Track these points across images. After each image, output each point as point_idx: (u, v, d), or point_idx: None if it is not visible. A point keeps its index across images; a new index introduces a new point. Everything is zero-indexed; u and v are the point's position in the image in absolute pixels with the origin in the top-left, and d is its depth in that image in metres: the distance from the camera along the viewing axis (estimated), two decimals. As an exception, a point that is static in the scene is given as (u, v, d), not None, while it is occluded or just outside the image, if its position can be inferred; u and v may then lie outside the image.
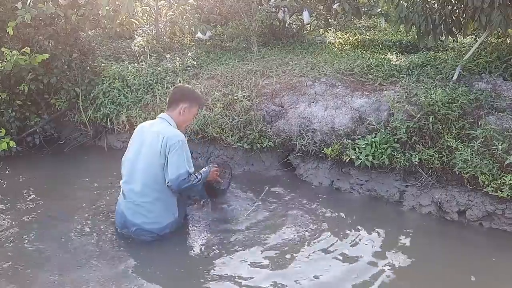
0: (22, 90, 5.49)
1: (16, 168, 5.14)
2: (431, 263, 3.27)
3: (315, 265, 3.24)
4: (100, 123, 5.65)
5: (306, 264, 3.25)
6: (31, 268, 3.25)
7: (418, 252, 3.42)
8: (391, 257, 3.34)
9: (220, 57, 6.02)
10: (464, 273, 3.19)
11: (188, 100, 3.65)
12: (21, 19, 5.06)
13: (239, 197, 4.30)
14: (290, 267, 3.22)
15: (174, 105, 3.63)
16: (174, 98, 3.65)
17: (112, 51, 6.50)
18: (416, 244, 3.54)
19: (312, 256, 3.35)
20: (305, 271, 3.17)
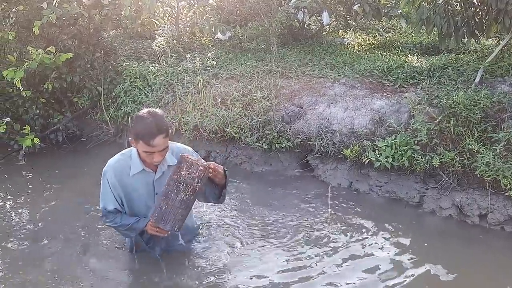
0: (46, 88, 5.61)
1: (39, 164, 5.26)
2: (451, 267, 3.24)
3: (331, 267, 3.23)
4: (121, 121, 5.74)
5: (321, 266, 3.25)
6: (47, 261, 3.34)
7: (438, 256, 3.39)
8: (410, 260, 3.33)
9: (239, 57, 6.06)
10: (485, 278, 3.16)
11: (131, 131, 3.04)
12: (46, 19, 5.17)
13: (256, 196, 4.34)
14: (306, 269, 3.22)
15: None
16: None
17: (134, 51, 6.60)
18: (436, 248, 3.51)
19: (328, 258, 3.34)
20: (320, 273, 3.17)
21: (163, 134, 2.58)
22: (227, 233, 3.69)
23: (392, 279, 3.11)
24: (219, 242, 3.56)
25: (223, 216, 3.97)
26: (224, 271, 3.20)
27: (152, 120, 2.56)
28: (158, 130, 2.55)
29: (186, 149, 2.92)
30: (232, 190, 4.45)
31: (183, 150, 2.85)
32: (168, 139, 2.64)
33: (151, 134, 2.54)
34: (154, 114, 2.61)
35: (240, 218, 3.94)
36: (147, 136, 2.54)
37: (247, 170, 4.98)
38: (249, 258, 3.35)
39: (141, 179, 2.81)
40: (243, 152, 5.06)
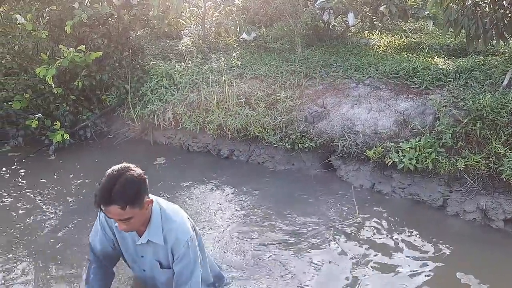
0: (76, 86, 5.79)
1: (68, 159, 5.43)
2: (474, 271, 3.21)
3: (352, 270, 3.24)
4: (147, 119, 5.86)
5: (342, 269, 3.26)
6: (72, 252, 3.46)
7: (461, 260, 3.36)
8: (432, 263, 3.31)
9: (264, 57, 6.11)
10: (509, 284, 3.12)
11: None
12: (78, 18, 5.33)
13: (277, 196, 4.38)
14: (327, 271, 3.24)
15: None
16: None
17: (160, 50, 6.73)
18: (459, 251, 3.48)
19: (350, 260, 3.35)
20: (346, 274, 3.19)
21: (119, 205, 2.02)
22: (250, 235, 3.72)
23: (415, 282, 3.10)
24: (240, 243, 3.62)
25: (246, 216, 4.02)
26: (248, 272, 3.25)
27: (110, 185, 2.03)
28: (112, 200, 2.01)
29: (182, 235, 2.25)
30: (255, 190, 4.52)
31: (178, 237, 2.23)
32: (131, 211, 2.06)
33: (102, 200, 2.03)
34: (118, 176, 2.05)
35: (263, 219, 3.97)
36: (98, 202, 2.04)
37: (270, 169, 5.02)
38: (276, 262, 3.35)
39: (125, 234, 2.33)
40: (266, 151, 5.11)
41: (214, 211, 4.15)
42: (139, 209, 2.10)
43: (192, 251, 2.25)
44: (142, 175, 2.13)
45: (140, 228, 2.23)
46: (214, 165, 5.22)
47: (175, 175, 4.97)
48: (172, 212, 2.29)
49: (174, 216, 2.29)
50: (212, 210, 4.16)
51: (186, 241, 2.22)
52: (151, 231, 2.23)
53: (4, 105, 5.60)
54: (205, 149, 5.55)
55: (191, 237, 2.25)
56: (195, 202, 4.34)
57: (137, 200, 2.08)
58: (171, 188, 4.63)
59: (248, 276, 3.18)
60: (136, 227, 2.19)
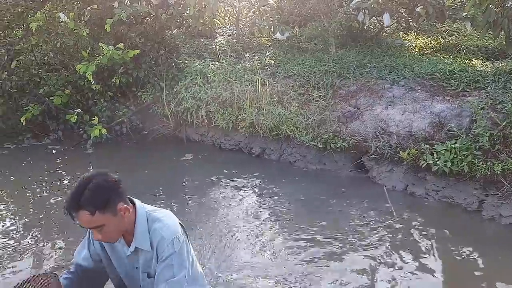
0: (114, 83, 5.97)
1: (104, 153, 5.62)
2: (510, 277, 3.14)
3: (387, 273, 3.21)
4: (181, 116, 5.98)
5: (377, 271, 3.23)
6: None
7: (497, 265, 3.29)
8: (467, 268, 3.25)
9: (297, 57, 6.13)
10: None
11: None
12: (117, 17, 5.50)
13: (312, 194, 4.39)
14: (362, 274, 3.21)
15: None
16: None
17: (195, 49, 6.85)
18: (494, 256, 3.40)
19: (384, 263, 3.32)
20: (376, 278, 3.16)
21: (87, 211, 1.87)
22: (279, 237, 3.72)
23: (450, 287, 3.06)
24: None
25: (275, 216, 4.04)
26: (274, 275, 3.26)
27: (79, 191, 1.87)
28: (80, 205, 1.86)
29: (167, 233, 2.01)
30: (286, 189, 4.54)
31: (163, 235, 1.99)
32: (102, 218, 1.89)
33: (70, 206, 1.87)
34: (89, 181, 1.90)
35: (294, 219, 3.96)
36: (67, 208, 1.88)
37: (301, 168, 5.04)
38: (306, 264, 3.33)
39: (115, 247, 2.13)
40: (297, 150, 5.13)
41: (243, 209, 4.18)
42: (112, 215, 1.92)
43: (178, 252, 1.98)
44: (116, 181, 1.98)
45: (120, 236, 2.03)
46: (245, 163, 5.29)
47: (205, 171, 5.07)
48: (159, 213, 2.08)
49: (161, 216, 2.06)
50: (240, 208, 4.20)
51: (172, 240, 1.98)
52: (137, 237, 2.02)
53: (46, 100, 5.83)
54: (236, 147, 5.62)
55: (177, 237, 2.00)
56: (223, 199, 4.41)
57: (108, 205, 1.90)
58: (199, 184, 4.74)
59: (273, 277, 3.14)
60: (113, 237, 1.98)
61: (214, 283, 3.08)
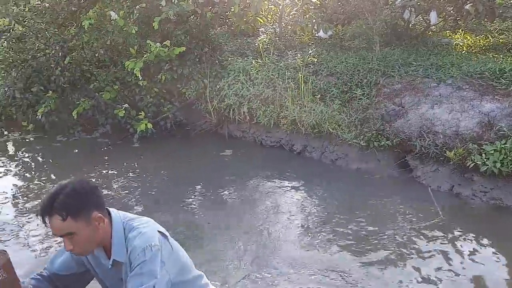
0: (159, 79, 6.14)
1: (150, 147, 5.80)
2: None
3: (433, 275, 3.15)
4: (223, 113, 6.09)
5: (418, 272, 3.19)
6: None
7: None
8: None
9: (340, 55, 6.10)
10: None
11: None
12: (165, 15, 5.66)
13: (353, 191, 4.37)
14: (401, 274, 3.16)
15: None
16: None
17: (238, 47, 6.94)
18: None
19: (426, 264, 3.26)
20: (422, 279, 3.12)
21: (59, 216, 1.77)
22: (318, 236, 3.70)
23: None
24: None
25: (315, 215, 4.03)
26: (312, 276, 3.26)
27: (51, 196, 1.80)
28: (51, 209, 1.77)
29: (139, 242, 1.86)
30: (327, 187, 4.54)
31: (135, 245, 1.85)
32: (73, 224, 1.78)
33: (42, 211, 1.79)
34: (65, 186, 1.83)
35: (334, 219, 3.93)
36: (39, 214, 1.80)
37: (343, 166, 5.02)
38: (347, 264, 3.29)
39: (99, 258, 2.00)
40: (339, 148, 5.12)
41: (282, 206, 4.20)
42: (85, 224, 1.81)
43: (149, 260, 1.82)
44: (93, 188, 1.89)
45: (94, 248, 1.91)
46: (287, 160, 5.32)
47: (245, 167, 5.16)
48: (136, 222, 1.95)
49: (137, 224, 1.93)
50: (280, 205, 4.22)
51: (143, 249, 1.83)
52: (114, 249, 1.90)
53: (96, 95, 6.08)
54: (278, 144, 5.66)
55: (150, 245, 1.85)
56: (263, 195, 4.46)
57: (81, 212, 1.79)
58: (239, 179, 4.82)
59: (310, 275, 3.14)
60: (84, 248, 1.86)
61: (251, 279, 3.11)
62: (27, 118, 6.25)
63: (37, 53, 6.18)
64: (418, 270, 3.18)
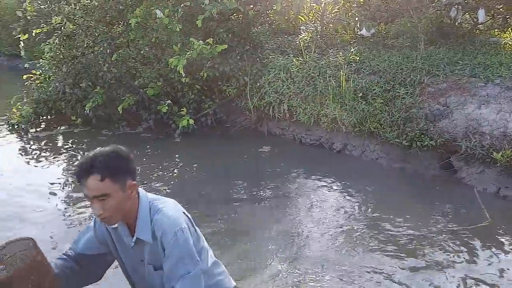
0: (201, 76, 6.26)
1: (191, 142, 5.93)
2: None
3: (476, 277, 3.06)
4: (263, 110, 6.14)
5: (463, 275, 3.09)
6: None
7: None
8: None
9: (382, 54, 6.01)
10: None
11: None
12: (208, 13, 5.77)
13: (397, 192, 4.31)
14: (446, 280, 3.06)
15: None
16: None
17: (278, 45, 6.97)
18: None
19: (472, 268, 3.16)
20: (461, 283, 3.04)
21: (98, 175, 1.79)
22: (356, 238, 3.65)
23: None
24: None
25: (354, 216, 3.98)
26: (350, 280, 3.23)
27: (93, 156, 1.83)
28: (92, 168, 1.79)
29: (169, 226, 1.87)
30: (367, 187, 4.50)
31: (165, 228, 1.86)
32: (110, 186, 1.80)
33: (82, 170, 1.80)
34: (103, 149, 1.86)
35: (374, 220, 3.86)
36: (77, 172, 1.82)
37: (383, 166, 4.97)
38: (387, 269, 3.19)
39: (121, 237, 2.00)
40: (380, 147, 5.06)
41: (320, 204, 4.18)
42: (120, 188, 1.82)
43: (183, 245, 1.85)
44: (130, 156, 1.91)
45: (120, 219, 1.90)
46: (326, 159, 5.32)
47: (284, 164, 5.18)
48: (161, 203, 1.96)
49: (162, 206, 1.94)
50: (318, 204, 4.21)
51: (175, 233, 1.84)
52: (139, 227, 1.90)
53: (140, 91, 6.27)
54: (317, 142, 5.65)
55: (181, 228, 1.86)
56: (301, 192, 4.48)
57: (119, 175, 1.82)
58: (278, 176, 4.85)
59: (346, 274, 3.10)
60: (114, 215, 1.84)
61: (281, 275, 3.13)
62: (76, 113, 6.53)
63: (86, 50, 6.43)
64: (468, 276, 3.06)
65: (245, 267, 3.17)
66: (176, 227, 1.85)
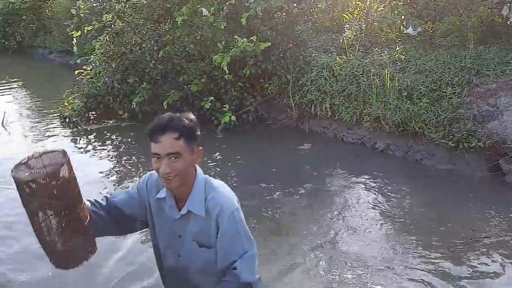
0: (244, 74, 6.34)
1: (232, 139, 6.03)
2: None
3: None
4: (305, 108, 6.14)
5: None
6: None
7: None
8: None
9: (429, 53, 5.87)
10: None
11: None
12: (253, 11, 5.83)
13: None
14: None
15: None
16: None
17: (322, 43, 6.95)
18: None
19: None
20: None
21: (175, 133, 1.81)
22: (396, 243, 3.59)
23: None
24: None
25: (395, 218, 3.90)
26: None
27: (170, 116, 1.88)
28: (169, 126, 1.82)
29: (228, 204, 1.90)
30: (410, 188, 4.41)
31: (222, 206, 1.88)
32: (183, 146, 1.82)
33: (159, 127, 1.83)
34: (178, 114, 1.90)
35: (417, 223, 3.76)
36: (154, 129, 1.84)
37: (428, 167, 4.86)
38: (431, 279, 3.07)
39: (163, 209, 2.01)
40: (425, 148, 4.95)
41: (360, 204, 4.14)
42: (190, 151, 1.85)
43: (240, 224, 1.89)
44: (199, 127, 1.94)
45: (181, 184, 1.88)
46: (368, 158, 5.27)
47: (324, 162, 5.19)
48: (217, 183, 1.99)
49: (219, 186, 1.97)
50: (358, 203, 4.17)
51: (232, 212, 1.88)
52: (192, 199, 1.91)
53: (185, 88, 6.42)
54: (359, 141, 5.60)
55: (238, 209, 1.91)
56: (341, 190, 4.45)
57: (192, 138, 1.86)
58: (318, 173, 4.85)
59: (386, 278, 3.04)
60: (179, 175, 1.84)
61: (318, 272, 3.13)
62: (123, 107, 6.77)
63: (133, 47, 6.65)
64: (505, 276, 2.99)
65: (281, 264, 3.20)
66: (234, 206, 1.90)
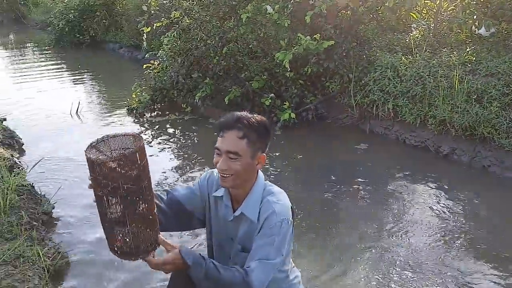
0: (305, 72, 6.34)
1: (291, 136, 6.05)
2: None
3: None
4: (366, 108, 6.05)
5: None
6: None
7: None
8: None
9: (502, 55, 5.56)
10: None
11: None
12: (318, 9, 5.82)
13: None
14: None
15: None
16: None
17: (387, 43, 6.78)
18: None
19: None
20: None
21: (240, 132, 1.79)
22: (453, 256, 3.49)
23: None
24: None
25: (454, 230, 3.77)
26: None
27: (241, 114, 1.87)
28: (236, 124, 1.81)
29: (280, 210, 1.84)
30: (475, 197, 4.23)
31: (275, 210, 1.83)
32: (245, 148, 1.80)
33: (227, 122, 1.83)
34: (252, 115, 1.88)
35: (480, 238, 3.58)
36: (222, 123, 1.85)
37: (496, 174, 4.63)
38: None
39: (219, 208, 2.00)
40: (493, 154, 4.72)
41: (417, 209, 4.03)
42: (251, 155, 1.81)
43: (282, 234, 1.81)
44: (271, 132, 1.92)
45: (238, 184, 1.86)
46: (431, 162, 5.10)
47: (386, 164, 5.08)
48: (276, 189, 1.94)
49: (277, 191, 1.92)
50: (415, 208, 4.05)
51: (282, 220, 1.81)
52: (247, 202, 1.88)
53: (246, 84, 6.53)
54: (422, 144, 5.42)
55: (288, 219, 1.84)
56: (397, 194, 4.35)
57: (257, 142, 1.82)
58: (377, 175, 4.76)
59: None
60: (234, 175, 1.81)
61: (373, 275, 3.10)
62: (186, 101, 7.00)
63: (199, 43, 6.84)
64: None
65: (328, 263, 3.22)
66: (286, 216, 1.84)
